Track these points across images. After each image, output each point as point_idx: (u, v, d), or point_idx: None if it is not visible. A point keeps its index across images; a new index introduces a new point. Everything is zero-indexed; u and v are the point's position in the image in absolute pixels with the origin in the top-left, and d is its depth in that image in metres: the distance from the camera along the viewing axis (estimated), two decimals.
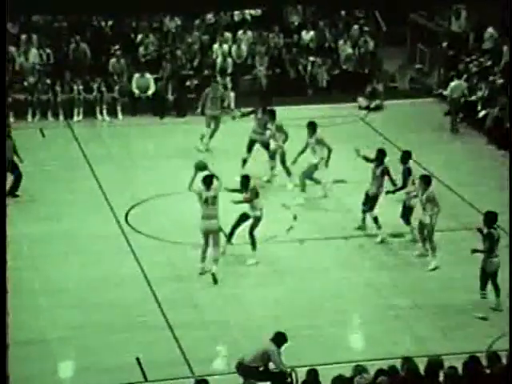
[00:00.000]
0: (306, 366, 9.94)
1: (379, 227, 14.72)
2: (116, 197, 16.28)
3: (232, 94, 21.04)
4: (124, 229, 15.20)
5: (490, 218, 12.63)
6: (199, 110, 18.37)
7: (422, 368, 9.79)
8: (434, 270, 13.82)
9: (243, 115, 17.73)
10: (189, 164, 16.28)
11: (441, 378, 9.68)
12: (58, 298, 13.05)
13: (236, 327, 12.42)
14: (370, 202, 14.72)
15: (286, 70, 22.30)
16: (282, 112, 21.03)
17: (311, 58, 22.43)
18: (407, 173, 14.63)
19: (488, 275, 12.65)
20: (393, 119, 20.92)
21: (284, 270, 13.97)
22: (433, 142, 19.54)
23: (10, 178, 15.88)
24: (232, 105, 21.00)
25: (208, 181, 13.43)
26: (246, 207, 14.14)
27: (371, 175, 14.78)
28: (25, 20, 22.12)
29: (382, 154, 14.82)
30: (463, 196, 16.67)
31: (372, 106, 21.35)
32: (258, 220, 13.98)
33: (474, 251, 12.61)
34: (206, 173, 13.71)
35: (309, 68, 22.31)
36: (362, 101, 21.43)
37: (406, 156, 14.81)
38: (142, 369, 11.48)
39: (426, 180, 13.98)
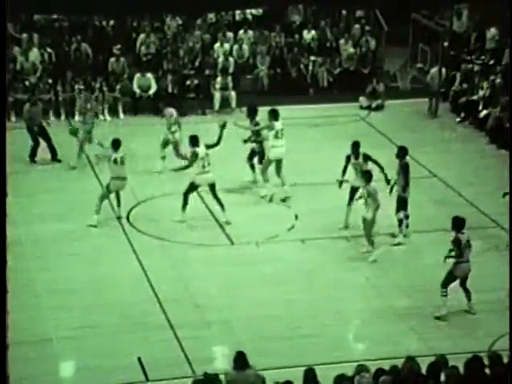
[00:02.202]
0: (307, 366, 9.92)
1: (401, 231, 14.72)
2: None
3: (233, 94, 21.05)
4: (126, 228, 15.21)
5: (458, 223, 12.59)
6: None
7: (423, 368, 9.80)
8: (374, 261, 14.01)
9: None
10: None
11: (442, 378, 9.68)
12: (59, 298, 13.04)
13: (238, 327, 12.42)
14: (397, 204, 14.74)
15: (288, 69, 22.31)
16: (284, 111, 21.09)
17: (312, 58, 22.45)
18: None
19: (457, 279, 12.62)
20: (394, 119, 20.93)
21: (285, 270, 13.98)
22: (434, 141, 19.56)
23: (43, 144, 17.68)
24: (233, 104, 21.02)
25: (116, 144, 15.30)
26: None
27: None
28: (26, 19, 22.17)
29: (403, 151, 14.73)
30: (465, 196, 16.67)
31: (373, 105, 21.36)
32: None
33: (446, 257, 12.55)
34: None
35: (310, 67, 22.32)
36: (363, 100, 21.43)
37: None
38: (143, 369, 11.48)
39: (367, 176, 13.99)
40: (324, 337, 12.28)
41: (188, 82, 21.19)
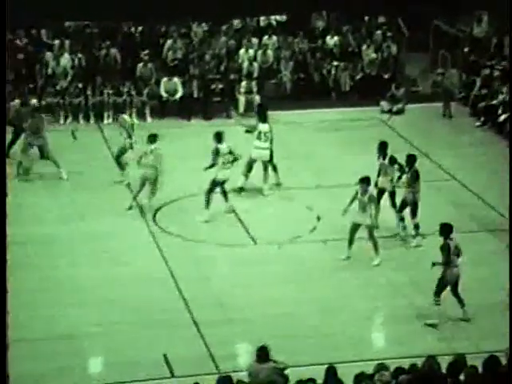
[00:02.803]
0: (328, 364, 9.89)
1: (417, 234, 14.64)
2: (144, 197, 16.32)
3: (257, 98, 21.06)
4: (152, 229, 15.25)
5: (446, 229, 12.42)
6: None
7: (443, 367, 9.73)
8: (378, 265, 13.85)
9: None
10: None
11: (461, 377, 9.60)
12: (87, 295, 13.09)
13: (260, 325, 12.40)
14: (410, 209, 14.63)
15: (311, 74, 22.29)
16: (306, 115, 21.07)
17: (335, 63, 22.41)
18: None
19: (448, 285, 12.42)
20: (415, 123, 20.83)
21: (308, 270, 13.95)
22: (454, 145, 19.43)
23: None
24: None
25: (152, 138, 15.64)
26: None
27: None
28: (58, 26, 22.32)
29: (412, 158, 14.68)
30: (484, 198, 16.55)
31: (394, 109, 21.27)
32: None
33: (434, 264, 12.36)
34: None
35: (333, 72, 22.28)
36: (384, 104, 21.37)
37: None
38: (168, 365, 11.51)
39: (366, 181, 13.89)
40: (344, 335, 12.24)
41: (213, 86, 21.23)
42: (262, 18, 23.71)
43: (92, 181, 17.12)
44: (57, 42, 21.67)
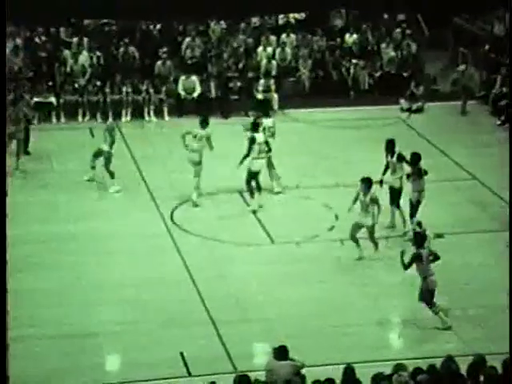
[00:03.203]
0: (346, 364, 9.84)
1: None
2: (162, 195, 16.33)
3: (276, 96, 21.00)
4: (169, 227, 15.23)
5: (418, 240, 12.29)
6: None
7: (462, 367, 9.65)
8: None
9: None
10: (232, 163, 16.32)
11: (481, 378, 9.52)
12: (105, 294, 13.10)
13: (277, 324, 12.35)
14: (412, 208, 14.54)
15: (329, 72, 22.19)
16: (325, 113, 21.00)
17: (354, 61, 22.30)
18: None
19: (434, 291, 12.25)
20: (434, 121, 20.70)
21: (325, 269, 13.88)
22: (474, 144, 19.29)
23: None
24: (275, 106, 20.97)
25: (203, 121, 15.89)
26: None
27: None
28: (77, 24, 22.36)
29: (416, 157, 14.56)
30: (505, 198, 16.40)
31: (414, 107, 21.16)
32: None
33: (407, 267, 12.23)
34: None
35: (351, 70, 22.17)
36: (403, 103, 21.25)
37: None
38: (185, 364, 11.48)
39: (367, 182, 13.76)
40: (362, 335, 12.17)
41: (231, 85, 21.19)
42: (280, 16, 23.64)
43: (107, 178, 17.10)
44: (75, 39, 21.71)
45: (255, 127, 15.77)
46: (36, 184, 16.78)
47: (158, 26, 22.67)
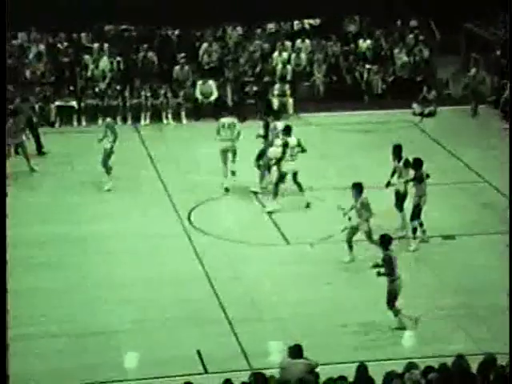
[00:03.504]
0: (358, 362, 9.87)
1: (415, 238, 14.47)
2: (179, 197, 16.41)
3: (291, 100, 21.06)
4: (187, 228, 15.30)
5: (386, 240, 12.22)
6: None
7: (473, 367, 9.65)
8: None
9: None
10: (248, 165, 16.38)
11: (491, 377, 9.51)
12: (123, 292, 13.16)
13: (292, 323, 12.39)
14: (413, 211, 14.47)
15: (343, 77, 22.23)
16: (339, 117, 21.01)
17: (367, 66, 22.32)
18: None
19: (397, 295, 12.17)
20: (446, 125, 20.68)
21: (338, 269, 13.91)
22: (484, 147, 19.25)
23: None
24: (291, 110, 21.02)
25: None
26: None
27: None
28: (98, 30, 22.51)
29: (418, 162, 14.54)
30: None
31: (426, 112, 21.15)
32: None
33: (379, 274, 12.15)
34: None
35: (365, 75, 22.20)
36: (416, 107, 21.25)
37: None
38: (202, 361, 11.54)
39: (358, 187, 13.74)
40: (374, 334, 12.18)
41: (247, 89, 21.26)
42: (295, 22, 23.69)
43: (128, 180, 17.22)
44: (96, 45, 21.85)
45: (287, 131, 15.87)
46: (57, 185, 16.89)
47: (177, 32, 22.78)
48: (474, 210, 15.96)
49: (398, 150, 14.93)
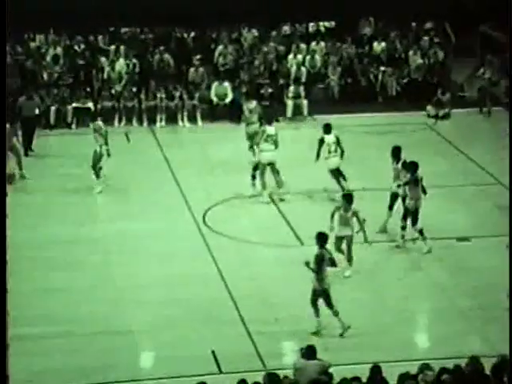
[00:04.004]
0: (372, 363, 9.82)
1: (425, 238, 14.36)
2: (194, 198, 16.40)
3: (305, 102, 21.01)
4: (201, 229, 15.28)
5: (321, 238, 12.11)
6: None
7: (487, 369, 9.57)
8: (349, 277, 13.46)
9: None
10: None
11: (505, 379, 9.43)
12: (138, 293, 13.16)
13: (306, 324, 12.33)
14: (412, 216, 14.32)
15: (358, 79, 22.16)
16: (353, 119, 20.96)
17: (382, 68, 22.26)
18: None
19: (320, 296, 12.05)
20: (460, 127, 20.58)
21: (354, 270, 13.82)
22: (499, 149, 19.10)
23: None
24: (305, 112, 20.97)
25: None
26: None
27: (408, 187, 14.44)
28: (114, 32, 22.56)
29: (414, 165, 14.42)
30: None
31: (440, 114, 21.06)
32: None
33: (307, 265, 11.98)
34: None
35: (379, 77, 22.13)
36: (430, 109, 21.15)
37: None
38: (217, 361, 11.51)
39: (349, 198, 13.60)
40: (389, 335, 12.12)
41: (262, 91, 21.23)
42: (310, 25, 23.65)
43: (143, 181, 17.24)
44: (112, 47, 21.89)
45: (327, 129, 16.16)
46: (75, 185, 16.91)
47: (192, 34, 22.79)
48: (488, 211, 15.85)
49: (397, 152, 14.85)
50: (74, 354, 11.62)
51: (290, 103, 20.94)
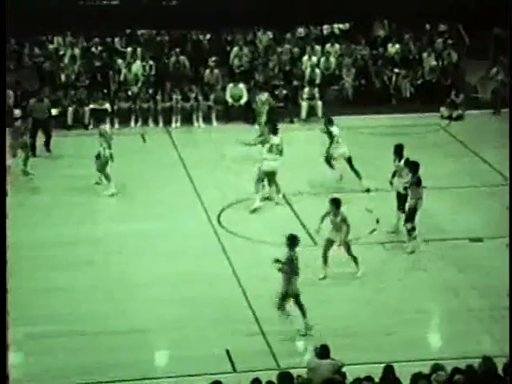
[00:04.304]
0: (385, 362, 9.83)
1: (413, 238, 14.32)
2: (209, 198, 16.45)
3: (320, 103, 21.02)
4: (216, 229, 15.33)
5: (292, 240, 12.06)
6: None
7: (500, 369, 9.56)
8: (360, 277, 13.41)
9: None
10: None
11: None
12: (152, 291, 13.21)
13: (319, 323, 12.35)
14: (407, 214, 14.33)
15: (372, 80, 22.15)
16: (367, 121, 20.95)
17: (396, 70, 22.23)
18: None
19: (289, 296, 12.01)
20: (474, 129, 20.52)
21: (366, 271, 13.84)
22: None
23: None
24: (319, 113, 20.99)
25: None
26: None
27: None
28: (131, 34, 22.65)
29: (415, 165, 14.39)
30: None
31: (454, 115, 21.02)
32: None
33: (277, 261, 11.94)
34: None
35: (393, 79, 22.12)
36: (444, 111, 21.12)
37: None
38: (231, 360, 11.55)
39: (337, 203, 13.50)
40: (401, 335, 12.12)
41: (277, 92, 21.26)
42: (325, 27, 23.66)
43: (159, 181, 17.30)
44: (129, 49, 21.99)
45: (330, 122, 16.71)
46: (88, 186, 16.99)
47: (208, 36, 22.86)
48: (501, 212, 15.80)
49: (399, 150, 14.86)
50: (83, 352, 11.67)
51: (304, 105, 20.96)
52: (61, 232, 15.01)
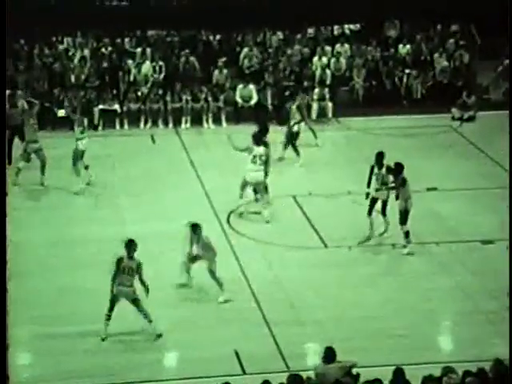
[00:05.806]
0: (395, 365, 9.78)
1: (409, 242, 14.28)
2: (219, 199, 16.43)
3: (330, 104, 20.98)
4: (226, 230, 15.30)
5: (130, 247, 12.05)
6: None
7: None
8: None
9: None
10: (287, 169, 16.30)
11: None
12: (162, 293, 13.16)
13: (329, 326, 12.32)
14: (401, 217, 14.26)
15: (383, 81, 22.09)
16: (378, 121, 20.89)
17: (407, 71, 22.17)
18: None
19: (116, 302, 11.93)
20: (485, 130, 20.44)
21: (376, 272, 13.81)
22: None
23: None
24: (330, 114, 20.95)
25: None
26: None
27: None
28: (141, 35, 22.67)
29: (399, 166, 14.32)
30: None
31: (465, 116, 20.94)
32: None
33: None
34: None
35: (404, 80, 22.05)
36: (455, 112, 21.04)
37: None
38: (240, 362, 11.52)
39: (195, 227, 13.21)
40: (412, 337, 12.07)
41: (287, 93, 21.23)
42: (335, 27, 23.61)
43: (168, 182, 17.30)
44: (139, 50, 22.01)
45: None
46: (98, 187, 17.00)
47: (218, 37, 22.85)
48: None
49: (380, 158, 14.76)
50: (95, 354, 11.67)
51: (314, 105, 20.92)
52: (69, 232, 15.02)
